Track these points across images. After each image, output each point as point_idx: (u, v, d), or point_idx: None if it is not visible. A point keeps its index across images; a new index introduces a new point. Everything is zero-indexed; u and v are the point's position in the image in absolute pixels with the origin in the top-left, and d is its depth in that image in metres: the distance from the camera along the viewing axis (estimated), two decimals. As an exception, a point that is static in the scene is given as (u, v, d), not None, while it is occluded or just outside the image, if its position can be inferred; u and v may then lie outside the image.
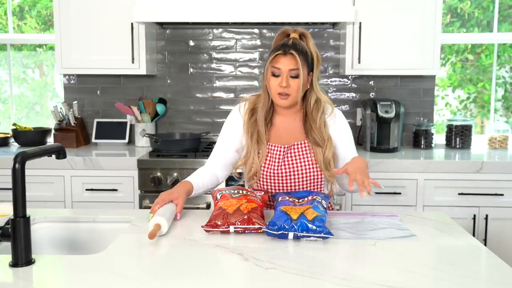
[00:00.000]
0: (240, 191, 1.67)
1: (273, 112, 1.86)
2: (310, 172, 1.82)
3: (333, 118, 1.87)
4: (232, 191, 1.67)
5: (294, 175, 1.82)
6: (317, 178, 1.83)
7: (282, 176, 1.82)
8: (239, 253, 1.36)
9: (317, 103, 1.83)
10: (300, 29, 1.82)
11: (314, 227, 1.44)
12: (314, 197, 1.63)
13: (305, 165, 1.82)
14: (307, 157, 1.82)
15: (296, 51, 1.72)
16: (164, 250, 1.43)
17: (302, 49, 1.75)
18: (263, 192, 1.74)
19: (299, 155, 1.83)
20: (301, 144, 1.84)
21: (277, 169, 1.82)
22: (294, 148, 1.83)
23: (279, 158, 1.82)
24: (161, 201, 1.64)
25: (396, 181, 2.75)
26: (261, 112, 1.82)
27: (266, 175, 1.83)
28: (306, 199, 1.63)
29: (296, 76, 1.74)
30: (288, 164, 1.82)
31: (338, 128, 1.87)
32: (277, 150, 1.83)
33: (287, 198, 1.65)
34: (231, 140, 1.90)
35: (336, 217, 1.73)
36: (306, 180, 1.83)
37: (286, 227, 1.45)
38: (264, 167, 1.83)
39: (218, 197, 1.67)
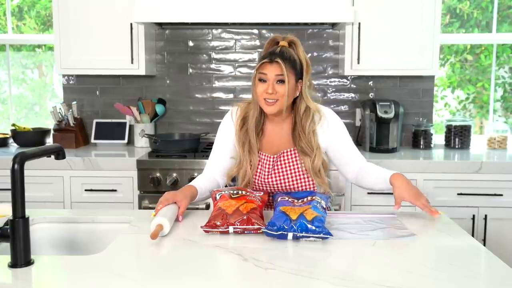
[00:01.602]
0: (240, 192, 1.67)
1: (264, 120, 1.86)
2: (300, 179, 1.82)
3: (323, 125, 1.84)
4: (232, 192, 1.67)
5: (284, 183, 1.82)
6: (308, 184, 1.84)
7: (272, 185, 1.83)
8: (238, 254, 1.36)
9: (307, 111, 1.81)
10: (290, 36, 1.81)
11: (314, 228, 1.44)
12: (314, 197, 1.63)
13: (294, 173, 1.82)
14: (296, 165, 1.82)
15: (282, 59, 1.71)
16: (163, 251, 1.43)
17: (290, 57, 1.74)
18: (262, 193, 1.74)
19: (288, 163, 1.83)
20: (289, 151, 1.83)
21: (267, 178, 1.82)
22: (283, 157, 1.83)
23: (268, 168, 1.83)
24: (165, 201, 1.64)
25: (395, 182, 2.74)
26: (252, 121, 1.82)
27: (258, 184, 1.84)
28: (305, 199, 1.63)
29: (282, 82, 1.72)
30: (278, 173, 1.82)
31: (330, 134, 1.85)
32: (267, 160, 1.84)
33: (287, 198, 1.65)
34: (226, 147, 1.89)
35: (336, 217, 1.73)
36: (297, 186, 1.83)
37: (286, 227, 1.45)
38: (255, 176, 1.83)
39: (218, 197, 1.67)
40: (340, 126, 1.89)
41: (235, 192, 1.67)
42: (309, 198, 1.63)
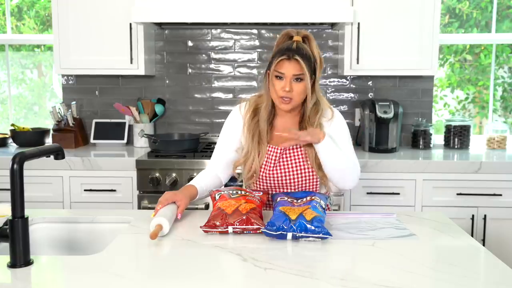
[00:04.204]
0: (239, 192, 1.67)
1: (274, 113, 1.86)
2: (304, 174, 1.82)
3: (329, 121, 1.84)
4: (231, 192, 1.67)
5: (288, 176, 1.82)
6: (312, 180, 1.83)
7: (276, 178, 1.82)
8: (237, 254, 1.36)
9: (316, 105, 1.82)
10: (304, 31, 1.79)
11: (313, 228, 1.44)
12: (313, 197, 1.63)
13: (299, 167, 1.82)
14: (302, 159, 1.82)
15: (300, 56, 1.70)
16: (162, 251, 1.43)
17: (306, 54, 1.72)
18: (261, 193, 1.74)
19: (293, 156, 1.82)
20: (296, 148, 1.83)
21: (272, 171, 1.82)
22: (289, 150, 1.83)
23: (274, 160, 1.82)
24: (165, 201, 1.64)
25: (395, 182, 2.75)
26: (264, 112, 1.82)
27: (262, 176, 1.84)
28: (304, 199, 1.63)
29: (300, 80, 1.72)
30: (283, 166, 1.82)
31: (334, 130, 1.84)
32: (274, 153, 1.83)
33: (286, 198, 1.65)
34: (231, 140, 1.90)
35: (335, 217, 1.73)
36: (301, 181, 1.82)
37: (285, 227, 1.45)
38: (261, 168, 1.83)
39: (217, 197, 1.67)
40: (343, 128, 1.87)
41: (234, 192, 1.67)
42: (308, 198, 1.63)
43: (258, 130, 1.83)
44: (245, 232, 1.52)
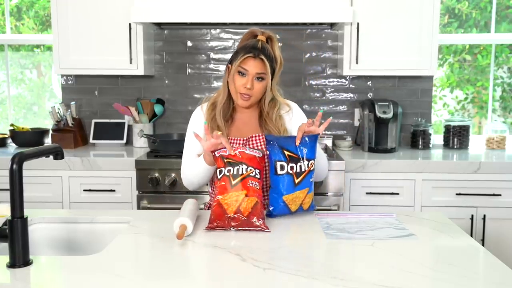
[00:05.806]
0: (240, 171, 1.59)
1: (233, 108, 1.91)
2: None
3: (289, 114, 1.93)
4: (232, 173, 1.59)
5: None
6: None
7: None
8: (237, 254, 1.36)
9: (273, 101, 1.89)
10: (268, 32, 1.87)
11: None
12: (310, 165, 1.67)
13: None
14: (264, 149, 1.82)
15: (265, 56, 1.78)
16: (162, 251, 1.43)
17: (270, 55, 1.80)
18: (260, 154, 1.66)
19: (256, 146, 1.85)
20: (258, 136, 1.88)
21: None
22: (252, 140, 1.87)
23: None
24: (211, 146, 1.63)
25: (394, 182, 2.75)
26: (220, 107, 1.87)
27: None
28: (303, 166, 1.66)
29: (261, 80, 1.80)
30: None
31: (295, 122, 1.91)
32: (237, 143, 1.88)
33: (285, 166, 1.65)
34: (196, 141, 1.87)
35: (334, 217, 1.73)
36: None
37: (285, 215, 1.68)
38: None
39: (219, 176, 1.61)
40: (303, 118, 1.95)
41: (235, 173, 1.59)
42: (308, 165, 1.67)
43: (216, 124, 1.87)
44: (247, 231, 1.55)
